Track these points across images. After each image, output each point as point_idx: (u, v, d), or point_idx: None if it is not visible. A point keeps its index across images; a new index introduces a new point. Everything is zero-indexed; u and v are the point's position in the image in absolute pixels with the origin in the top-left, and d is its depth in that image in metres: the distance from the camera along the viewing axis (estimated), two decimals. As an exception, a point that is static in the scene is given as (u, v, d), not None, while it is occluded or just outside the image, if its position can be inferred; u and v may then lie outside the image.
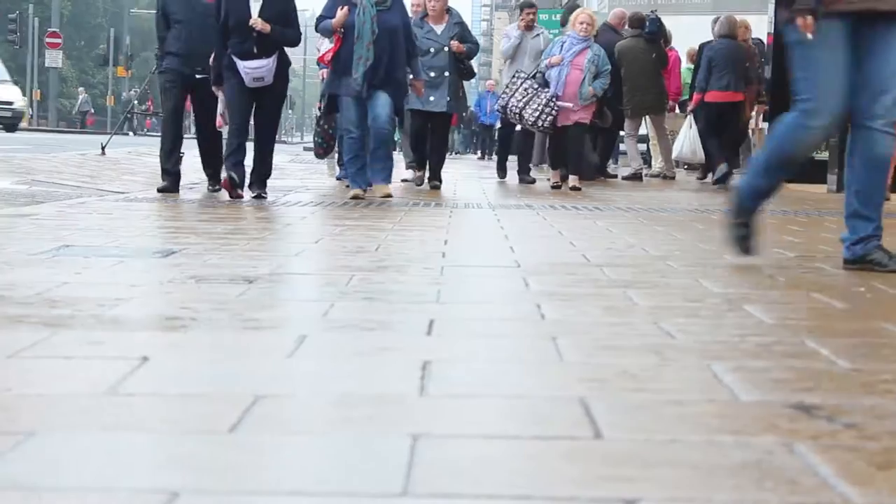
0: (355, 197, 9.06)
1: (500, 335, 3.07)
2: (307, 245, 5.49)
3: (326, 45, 9.57)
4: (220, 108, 9.27)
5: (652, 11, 14.89)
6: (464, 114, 28.39)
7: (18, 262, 4.41)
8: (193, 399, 2.25)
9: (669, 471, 1.80)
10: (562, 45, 11.70)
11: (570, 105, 11.43)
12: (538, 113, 11.44)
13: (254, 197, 8.88)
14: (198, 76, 9.43)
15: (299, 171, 11.86)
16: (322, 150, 12.19)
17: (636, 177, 14.55)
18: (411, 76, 9.99)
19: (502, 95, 12.04)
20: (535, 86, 11.57)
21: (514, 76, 11.96)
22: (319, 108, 11.63)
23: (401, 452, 1.85)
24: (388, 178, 9.53)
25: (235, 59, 8.99)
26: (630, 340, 2.96)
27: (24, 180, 10.95)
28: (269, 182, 9.35)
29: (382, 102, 9.25)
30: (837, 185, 11.38)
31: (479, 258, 5.08)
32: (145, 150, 18.05)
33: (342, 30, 9.24)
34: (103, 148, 16.84)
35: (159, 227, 6.30)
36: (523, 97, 11.55)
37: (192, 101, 9.67)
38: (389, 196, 9.28)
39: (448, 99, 11.53)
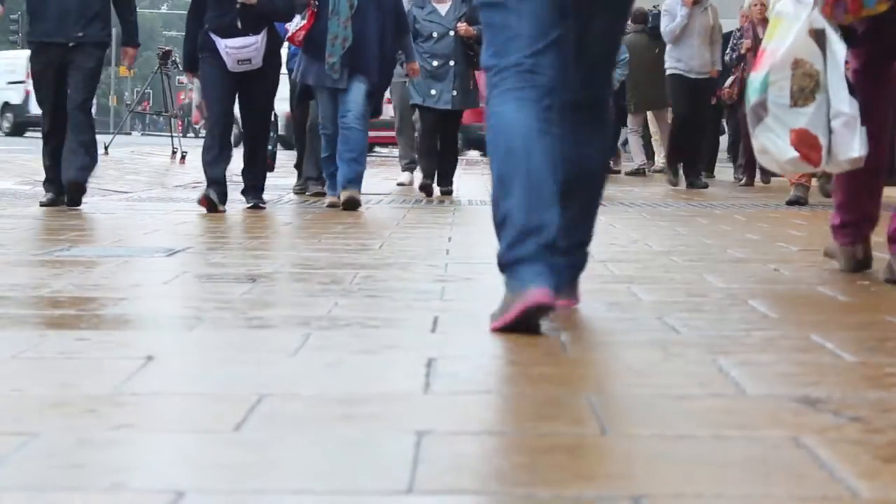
0: (332, 205, 7.87)
1: (503, 331, 3.06)
2: (311, 243, 5.49)
3: (298, 22, 7.90)
4: (195, 99, 8.10)
5: (654, 7, 14.85)
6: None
7: (22, 263, 4.41)
8: (198, 398, 2.25)
9: (675, 466, 1.79)
10: None
11: None
12: None
13: (249, 208, 7.71)
14: (72, 44, 7.75)
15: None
16: (273, 163, 9.58)
17: (639, 172, 14.55)
18: (404, 60, 8.72)
19: None
20: None
21: None
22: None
23: (406, 450, 1.84)
24: (355, 184, 7.77)
25: (215, 37, 7.54)
26: (634, 336, 2.96)
27: (28, 181, 10.94)
28: (272, 179, 8.78)
29: (354, 97, 7.78)
30: None
31: (483, 255, 5.07)
32: (148, 150, 18.05)
33: (316, 3, 7.77)
34: (106, 148, 16.85)
35: (162, 227, 6.30)
36: None
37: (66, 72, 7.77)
38: (353, 201, 7.63)
39: (454, 93, 9.75)
